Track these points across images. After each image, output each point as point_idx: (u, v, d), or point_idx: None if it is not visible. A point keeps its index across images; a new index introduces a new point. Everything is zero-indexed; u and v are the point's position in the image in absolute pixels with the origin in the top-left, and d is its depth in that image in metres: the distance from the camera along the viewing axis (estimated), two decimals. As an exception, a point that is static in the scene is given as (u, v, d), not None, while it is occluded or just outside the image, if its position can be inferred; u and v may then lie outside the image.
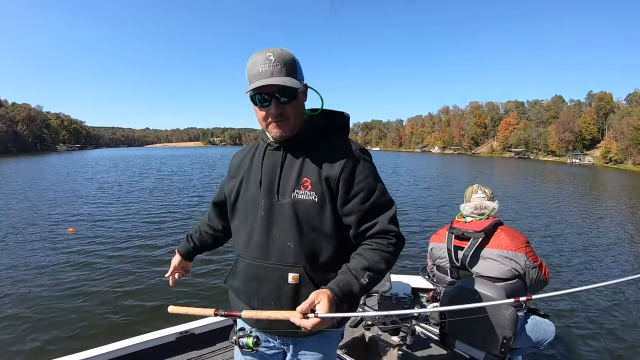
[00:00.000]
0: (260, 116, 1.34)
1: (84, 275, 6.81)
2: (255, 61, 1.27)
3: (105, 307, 5.52)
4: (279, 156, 1.40)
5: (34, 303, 5.62)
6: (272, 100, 1.28)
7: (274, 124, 1.33)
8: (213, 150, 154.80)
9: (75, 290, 6.12)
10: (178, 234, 9.88)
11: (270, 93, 1.27)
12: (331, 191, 1.33)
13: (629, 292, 6.51)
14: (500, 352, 2.28)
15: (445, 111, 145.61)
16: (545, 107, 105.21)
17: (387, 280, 3.19)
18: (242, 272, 1.44)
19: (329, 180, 1.32)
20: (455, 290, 2.42)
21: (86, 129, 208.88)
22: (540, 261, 2.39)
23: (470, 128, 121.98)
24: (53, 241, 9.16)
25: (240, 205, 1.47)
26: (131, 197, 16.65)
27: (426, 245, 3.00)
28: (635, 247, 10.10)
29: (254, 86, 1.25)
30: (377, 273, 1.28)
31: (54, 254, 8.11)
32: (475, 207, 2.58)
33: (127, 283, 6.47)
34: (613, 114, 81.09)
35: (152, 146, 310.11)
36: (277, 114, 1.30)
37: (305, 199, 1.33)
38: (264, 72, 1.25)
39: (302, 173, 1.35)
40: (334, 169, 1.32)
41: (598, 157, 76.95)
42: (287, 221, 1.34)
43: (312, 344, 1.46)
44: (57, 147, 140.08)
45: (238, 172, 1.52)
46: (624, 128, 67.94)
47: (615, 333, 5.07)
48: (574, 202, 18.89)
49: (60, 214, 12.64)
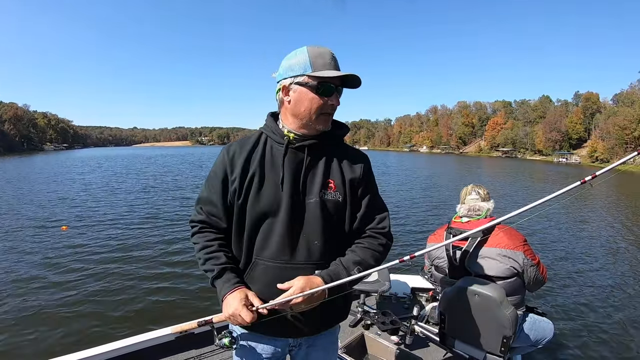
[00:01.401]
0: (315, 105, 1.33)
1: (81, 274, 6.76)
2: (322, 52, 1.33)
3: (104, 307, 5.48)
4: (302, 156, 1.40)
5: (32, 303, 5.57)
6: (334, 93, 1.34)
7: (325, 116, 1.36)
8: (201, 149, 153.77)
9: (73, 290, 6.06)
10: (176, 233, 9.84)
11: (335, 86, 1.33)
12: (353, 192, 1.42)
13: (628, 289, 6.58)
14: (500, 351, 2.29)
15: (434, 111, 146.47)
16: (533, 106, 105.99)
17: (387, 280, 3.20)
18: (264, 275, 1.39)
19: (354, 181, 1.42)
20: (454, 290, 2.43)
21: (73, 128, 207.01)
22: (538, 259, 2.41)
23: (458, 128, 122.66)
24: (47, 239, 9.12)
25: (254, 205, 1.38)
26: (119, 198, 16.46)
27: (425, 246, 3.01)
28: (619, 235, 10.57)
29: (335, 74, 1.29)
30: (365, 268, 1.35)
31: (49, 252, 8.08)
32: (469, 209, 2.61)
33: (125, 283, 6.42)
34: (599, 113, 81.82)
35: (140, 146, 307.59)
36: (336, 106, 1.37)
37: (331, 199, 1.39)
38: (334, 65, 1.33)
39: (326, 174, 1.40)
40: (356, 172, 1.44)
41: (584, 156, 77.63)
42: (315, 220, 1.37)
43: (322, 339, 1.54)
44: (45, 146, 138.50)
45: (244, 170, 1.40)
46: (610, 128, 68.65)
47: (614, 330, 5.09)
48: (562, 199, 18.96)
49: (53, 213, 12.54)
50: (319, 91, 1.31)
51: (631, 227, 12.31)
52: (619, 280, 7.08)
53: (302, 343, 1.52)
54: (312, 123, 1.36)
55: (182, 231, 10.02)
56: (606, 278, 7.18)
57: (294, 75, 1.32)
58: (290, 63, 1.33)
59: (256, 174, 1.38)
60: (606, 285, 6.75)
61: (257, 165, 1.39)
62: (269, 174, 1.39)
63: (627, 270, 7.73)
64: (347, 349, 2.87)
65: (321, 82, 1.30)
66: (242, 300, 1.30)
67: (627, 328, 5.17)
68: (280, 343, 1.50)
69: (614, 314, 5.61)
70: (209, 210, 1.46)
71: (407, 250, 8.11)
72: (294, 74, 1.32)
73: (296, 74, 1.32)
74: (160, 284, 6.35)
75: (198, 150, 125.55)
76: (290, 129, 1.40)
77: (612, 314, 5.59)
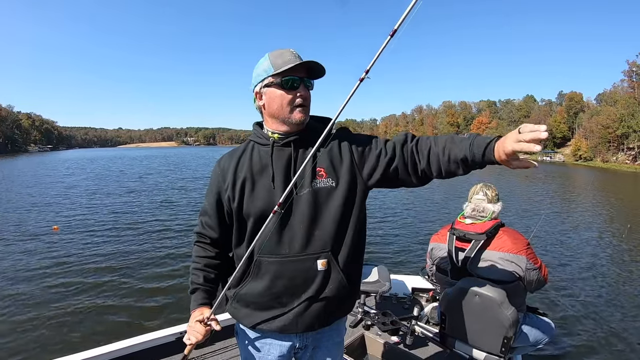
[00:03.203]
0: (285, 100, 1.38)
1: (81, 273, 6.83)
2: (282, 53, 1.38)
3: (104, 307, 5.52)
4: (289, 151, 1.44)
5: (30, 303, 5.61)
6: (300, 84, 1.38)
7: (299, 108, 1.40)
8: (187, 150, 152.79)
9: (71, 290, 6.11)
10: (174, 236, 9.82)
11: (300, 77, 1.37)
12: (353, 172, 1.44)
13: (629, 289, 6.65)
14: (500, 351, 2.30)
15: (419, 110, 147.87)
16: (517, 106, 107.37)
17: (387, 281, 3.20)
18: (267, 272, 1.42)
19: (346, 160, 1.44)
20: (455, 291, 2.43)
21: (58, 129, 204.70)
22: (540, 262, 2.40)
23: (444, 127, 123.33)
24: (39, 241, 9.19)
25: (249, 208, 1.42)
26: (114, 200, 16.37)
27: (424, 246, 3.02)
28: (620, 236, 10.74)
29: (291, 65, 1.33)
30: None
31: (42, 253, 8.14)
32: (473, 208, 2.58)
33: (123, 282, 6.45)
34: (583, 113, 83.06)
35: (125, 146, 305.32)
36: (306, 95, 1.40)
37: (323, 186, 1.41)
38: (292, 60, 1.35)
39: (314, 164, 1.41)
40: (343, 151, 1.46)
41: (568, 154, 78.74)
42: (310, 211, 1.39)
43: (327, 341, 1.57)
44: (29, 148, 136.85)
45: (235, 177, 1.46)
46: (593, 127, 69.65)
47: (614, 330, 5.12)
48: (548, 196, 19.54)
49: (46, 213, 12.70)
50: (285, 86, 1.37)
51: (632, 228, 12.35)
52: (620, 280, 7.15)
53: (308, 345, 1.53)
54: (288, 118, 1.40)
55: (182, 230, 10.11)
56: (607, 278, 7.25)
57: (261, 80, 1.40)
58: (257, 71, 1.42)
59: (247, 178, 1.44)
60: (607, 285, 6.82)
61: (247, 170, 1.45)
62: (259, 175, 1.44)
63: (628, 270, 7.80)
64: (348, 350, 2.87)
65: (284, 77, 1.36)
66: (197, 317, 1.45)
67: (628, 328, 5.21)
68: (286, 344, 1.51)
69: (614, 313, 5.65)
70: (205, 220, 1.55)
71: (406, 251, 8.27)
72: (261, 79, 1.40)
73: (262, 78, 1.40)
74: (160, 284, 6.40)
75: (184, 151, 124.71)
76: (274, 130, 1.46)
77: (613, 314, 5.63)
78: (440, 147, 1.33)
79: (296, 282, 1.40)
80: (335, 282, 1.42)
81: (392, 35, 1.20)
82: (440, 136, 1.39)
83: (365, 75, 1.26)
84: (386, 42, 1.21)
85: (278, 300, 1.43)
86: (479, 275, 2.42)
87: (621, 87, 72.60)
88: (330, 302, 1.44)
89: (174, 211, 13.73)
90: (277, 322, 1.43)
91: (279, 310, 1.43)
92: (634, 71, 68.12)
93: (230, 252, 1.58)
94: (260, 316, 1.45)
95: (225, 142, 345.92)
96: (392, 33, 1.20)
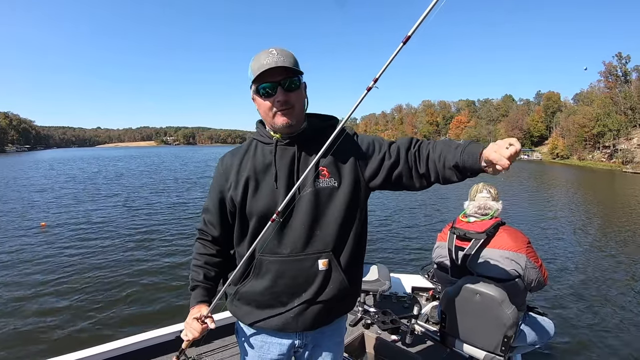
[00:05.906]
0: (265, 108, 1.37)
1: (79, 274, 6.78)
2: (259, 57, 1.33)
3: (103, 307, 5.49)
4: (293, 151, 1.43)
5: (32, 303, 5.59)
6: (277, 89, 1.32)
7: (280, 112, 1.35)
8: (166, 149, 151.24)
9: (71, 289, 6.10)
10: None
11: (275, 82, 1.32)
12: (356, 173, 1.44)
13: (629, 289, 6.74)
14: (500, 350, 2.30)
15: (399, 109, 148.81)
16: (496, 105, 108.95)
17: (387, 279, 3.21)
18: (269, 272, 1.42)
19: (350, 161, 1.44)
20: (455, 289, 2.42)
21: (35, 128, 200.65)
22: (540, 262, 2.41)
23: (423, 126, 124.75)
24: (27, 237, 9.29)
25: (253, 207, 1.42)
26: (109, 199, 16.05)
27: (424, 245, 3.04)
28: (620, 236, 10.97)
29: (261, 70, 1.29)
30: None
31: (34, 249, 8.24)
32: (479, 206, 2.57)
33: (125, 281, 6.44)
34: (560, 112, 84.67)
35: (104, 146, 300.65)
36: (284, 100, 1.33)
37: (325, 186, 1.40)
38: (268, 63, 1.29)
39: (318, 163, 1.39)
40: (347, 152, 1.44)
41: (546, 153, 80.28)
42: (312, 210, 1.38)
43: (327, 341, 1.58)
44: (6, 148, 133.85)
45: (238, 176, 1.45)
46: (570, 126, 71.08)
47: (615, 329, 5.16)
48: (525, 192, 19.97)
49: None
50: (262, 94, 1.35)
51: (632, 228, 12.51)
52: (620, 280, 7.25)
53: (308, 343, 1.54)
54: (273, 123, 1.39)
55: (182, 231, 10.09)
56: (607, 278, 7.32)
57: (250, 86, 1.39)
58: (249, 75, 1.39)
59: (251, 177, 1.43)
60: (607, 285, 6.90)
61: (251, 169, 1.44)
62: (263, 174, 1.43)
63: (628, 271, 7.91)
64: (347, 348, 2.87)
65: (259, 84, 1.34)
66: (194, 315, 1.46)
67: (628, 327, 5.25)
68: (286, 343, 1.52)
69: (614, 313, 5.71)
70: (207, 218, 1.55)
71: (406, 249, 8.31)
72: (250, 85, 1.39)
73: (250, 84, 1.38)
74: (160, 284, 6.38)
75: (163, 150, 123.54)
76: (276, 130, 1.44)
77: (613, 314, 5.68)
78: (437, 153, 1.34)
79: (297, 281, 1.41)
80: (336, 282, 1.43)
81: (405, 43, 1.16)
82: (439, 141, 1.39)
83: (374, 85, 1.24)
84: (398, 49, 1.17)
85: (279, 299, 1.43)
86: (479, 273, 2.42)
87: (598, 87, 74.29)
88: (330, 302, 1.45)
89: (171, 211, 13.72)
90: (277, 321, 1.44)
91: (280, 309, 1.43)
92: (609, 72, 69.63)
93: (232, 250, 1.58)
94: (260, 314, 1.46)
95: (205, 142, 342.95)
96: (404, 40, 1.16)
